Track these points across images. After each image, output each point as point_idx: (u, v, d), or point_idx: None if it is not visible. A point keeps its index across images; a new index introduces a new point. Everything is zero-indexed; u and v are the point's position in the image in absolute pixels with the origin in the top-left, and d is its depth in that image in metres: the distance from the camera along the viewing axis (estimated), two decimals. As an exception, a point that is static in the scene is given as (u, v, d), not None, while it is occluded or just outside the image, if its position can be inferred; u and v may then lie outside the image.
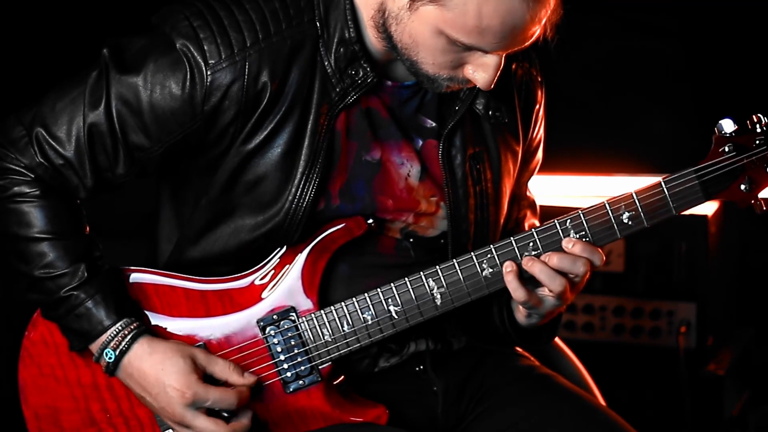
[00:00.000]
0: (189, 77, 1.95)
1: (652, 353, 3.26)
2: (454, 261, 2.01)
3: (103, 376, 2.05)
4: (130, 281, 2.08)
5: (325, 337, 2.04)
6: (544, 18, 1.88)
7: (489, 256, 2.01)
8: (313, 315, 2.04)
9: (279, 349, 2.05)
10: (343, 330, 2.04)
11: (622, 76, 3.82)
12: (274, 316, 2.05)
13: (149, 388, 2.00)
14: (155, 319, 2.07)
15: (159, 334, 2.05)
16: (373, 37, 1.98)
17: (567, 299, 2.02)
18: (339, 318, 2.04)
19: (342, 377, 2.09)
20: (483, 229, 2.11)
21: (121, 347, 2.00)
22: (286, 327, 2.05)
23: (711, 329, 3.27)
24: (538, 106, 2.19)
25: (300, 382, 2.06)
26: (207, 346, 2.06)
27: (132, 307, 2.05)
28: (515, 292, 1.99)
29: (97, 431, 2.09)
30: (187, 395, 1.98)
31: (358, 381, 2.11)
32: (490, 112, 2.09)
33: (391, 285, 2.02)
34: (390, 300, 2.03)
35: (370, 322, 2.03)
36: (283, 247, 2.04)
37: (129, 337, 2.00)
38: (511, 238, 2.00)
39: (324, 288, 2.05)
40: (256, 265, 2.06)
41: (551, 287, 1.98)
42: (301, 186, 2.00)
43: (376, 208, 2.06)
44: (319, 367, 2.05)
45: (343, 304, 2.04)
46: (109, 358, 2.01)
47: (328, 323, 2.04)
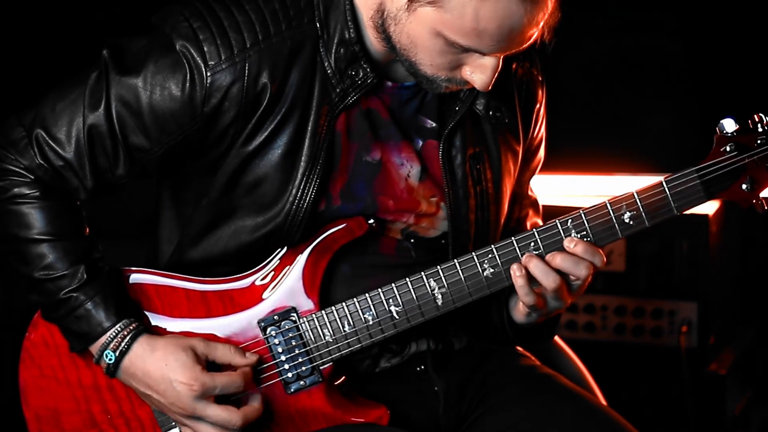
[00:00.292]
0: (189, 78, 1.95)
1: (654, 353, 3.25)
2: (455, 261, 2.01)
3: (104, 377, 2.05)
4: (131, 282, 2.07)
5: (326, 337, 2.04)
6: (541, 21, 1.88)
7: (490, 256, 2.00)
8: (314, 315, 2.04)
9: (280, 349, 2.05)
10: (344, 330, 2.04)
11: (623, 75, 3.82)
12: (275, 317, 2.04)
13: (155, 385, 2.00)
14: (156, 319, 2.06)
15: (159, 334, 2.05)
16: (372, 38, 1.98)
17: (566, 300, 2.02)
18: (340, 318, 2.04)
19: (343, 378, 2.09)
20: (484, 229, 2.10)
21: (120, 348, 2.00)
22: (287, 327, 2.04)
23: (713, 329, 3.26)
24: (538, 106, 2.18)
25: (301, 383, 2.06)
26: (207, 346, 2.06)
27: (132, 309, 2.05)
28: (525, 297, 1.98)
29: (98, 432, 2.09)
30: (195, 387, 1.98)
31: (360, 381, 2.11)
32: (491, 113, 2.08)
33: (392, 285, 2.02)
34: (391, 300, 2.02)
35: (371, 323, 2.03)
36: (284, 248, 2.04)
37: (128, 337, 2.00)
38: (512, 238, 2.00)
39: (325, 288, 2.05)
40: (257, 266, 2.06)
41: (545, 283, 1.97)
42: (301, 187, 2.00)
43: (377, 208, 2.05)
44: (321, 367, 2.05)
45: (344, 304, 2.03)
46: (110, 360, 2.01)
47: (329, 323, 2.04)
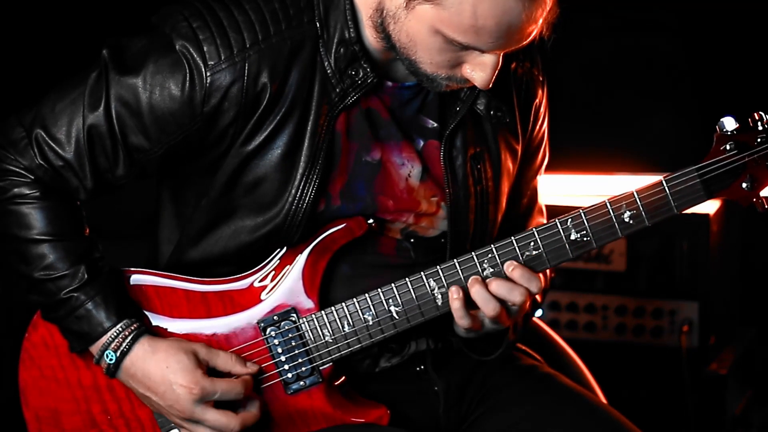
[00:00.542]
0: (188, 78, 1.95)
1: (655, 352, 3.25)
2: (455, 261, 2.01)
3: (104, 377, 2.05)
4: (131, 282, 2.07)
5: (326, 337, 2.04)
6: (540, 17, 1.87)
7: (490, 255, 2.00)
8: (313, 315, 2.04)
9: (280, 349, 2.05)
10: (344, 330, 2.03)
11: (622, 74, 3.82)
12: (275, 317, 2.04)
13: (154, 387, 2.00)
14: (156, 320, 2.06)
15: (160, 335, 2.05)
16: (372, 37, 1.98)
17: (504, 324, 2.03)
18: (340, 318, 2.03)
19: (343, 378, 2.09)
20: (482, 228, 2.10)
21: (121, 348, 2.00)
22: (286, 328, 2.04)
23: (713, 328, 3.26)
24: (538, 104, 2.18)
25: (301, 383, 2.05)
26: (208, 346, 2.06)
27: (132, 309, 2.05)
28: (461, 319, 2.00)
29: (97, 433, 2.09)
30: (195, 391, 1.98)
31: (360, 381, 2.11)
32: (491, 112, 2.08)
33: (392, 285, 2.02)
34: (391, 300, 2.02)
35: (371, 323, 2.03)
36: (284, 248, 2.04)
37: (129, 338, 2.00)
38: (512, 238, 2.00)
39: (324, 288, 2.05)
40: (257, 266, 2.06)
41: (485, 310, 1.98)
42: (301, 187, 2.00)
43: (376, 208, 2.05)
44: (320, 367, 2.05)
45: (343, 304, 2.03)
46: (110, 360, 2.00)
47: (328, 323, 2.04)
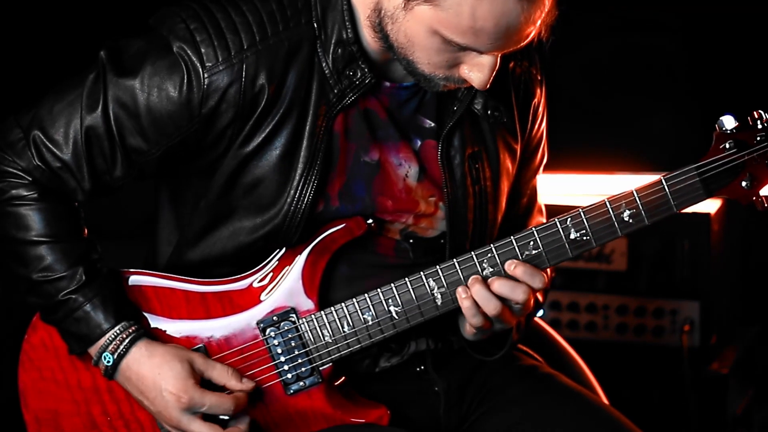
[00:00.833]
0: (186, 80, 1.95)
1: (656, 352, 3.25)
2: (455, 261, 2.01)
3: (104, 379, 2.05)
4: (130, 284, 2.07)
5: (326, 337, 2.04)
6: (539, 19, 1.87)
7: (489, 255, 2.00)
8: (313, 316, 2.04)
9: (279, 350, 2.04)
10: (344, 330, 2.03)
11: (622, 73, 3.81)
12: (274, 318, 2.04)
13: (146, 391, 2.00)
14: (155, 321, 2.06)
15: (159, 336, 2.05)
16: (369, 38, 1.98)
17: (510, 323, 2.03)
18: (339, 318, 2.03)
19: (343, 378, 2.09)
20: (481, 228, 2.10)
21: (119, 351, 2.00)
22: (286, 328, 2.04)
23: (715, 327, 3.25)
24: (536, 104, 2.18)
25: (301, 384, 2.05)
26: (207, 348, 2.05)
27: (131, 311, 2.04)
28: (473, 318, 1.99)
29: (97, 434, 2.09)
30: (183, 399, 1.98)
31: (360, 381, 2.11)
32: (489, 112, 2.08)
33: (392, 285, 2.02)
34: (390, 300, 2.02)
35: (370, 323, 2.03)
36: (283, 249, 2.04)
37: (127, 340, 2.00)
38: (512, 237, 2.00)
39: (324, 289, 2.05)
40: (256, 267, 2.05)
41: (486, 309, 1.98)
42: (299, 188, 1.99)
43: (375, 209, 2.05)
44: (320, 368, 2.05)
45: (343, 304, 2.03)
46: (108, 362, 2.00)
47: (328, 324, 2.03)
